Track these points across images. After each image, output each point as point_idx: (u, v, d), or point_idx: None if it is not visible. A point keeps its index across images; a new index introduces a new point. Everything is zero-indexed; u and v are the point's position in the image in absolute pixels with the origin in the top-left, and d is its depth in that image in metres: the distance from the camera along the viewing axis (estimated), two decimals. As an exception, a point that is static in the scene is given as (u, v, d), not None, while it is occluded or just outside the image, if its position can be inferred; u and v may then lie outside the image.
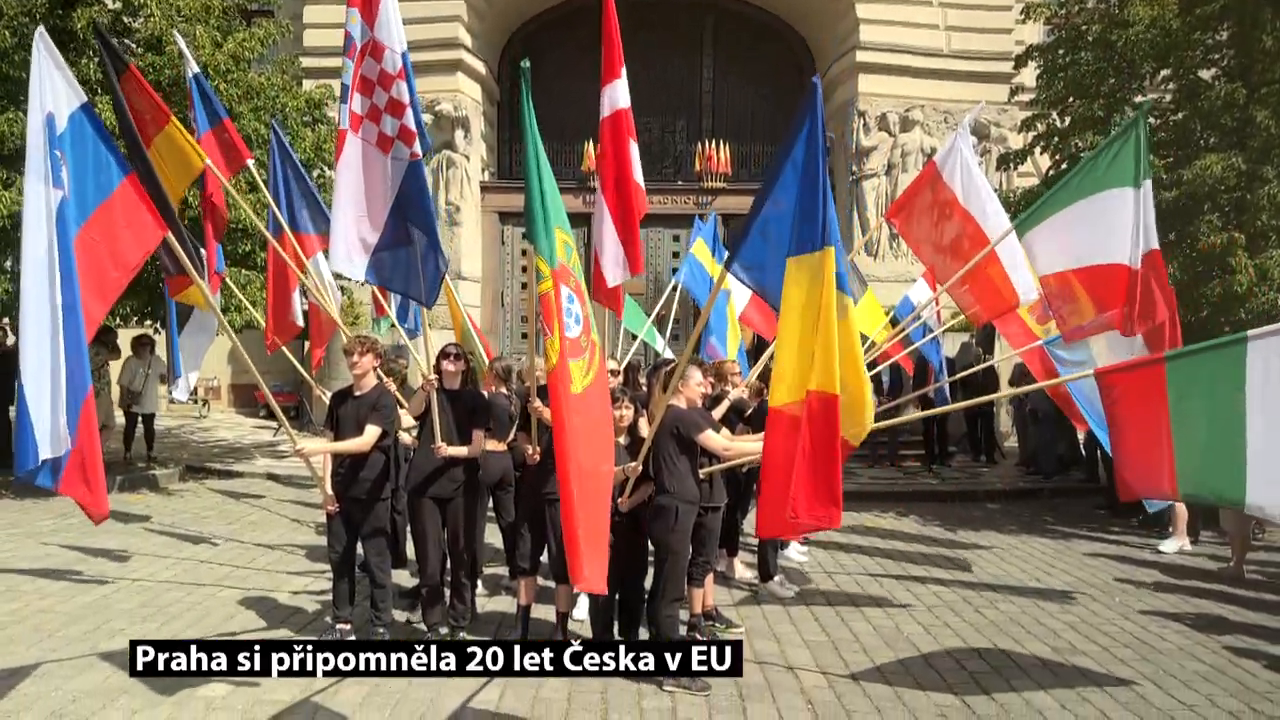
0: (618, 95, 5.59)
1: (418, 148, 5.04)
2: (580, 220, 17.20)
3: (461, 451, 5.35)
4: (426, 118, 12.98)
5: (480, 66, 16.08)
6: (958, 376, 10.15)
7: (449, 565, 5.56)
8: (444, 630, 5.42)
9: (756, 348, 10.71)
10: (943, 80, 15.34)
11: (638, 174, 5.76)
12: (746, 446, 5.40)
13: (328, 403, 5.58)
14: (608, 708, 4.53)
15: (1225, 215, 8.83)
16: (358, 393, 5.36)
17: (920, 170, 15.09)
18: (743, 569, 7.07)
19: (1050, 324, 6.64)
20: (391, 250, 5.17)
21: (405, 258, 5.14)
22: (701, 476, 5.28)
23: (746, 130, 17.54)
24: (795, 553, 7.73)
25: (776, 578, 6.70)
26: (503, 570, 6.78)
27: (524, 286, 17.18)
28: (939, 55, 15.45)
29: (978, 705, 4.67)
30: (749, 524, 7.22)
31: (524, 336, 16.76)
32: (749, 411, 6.64)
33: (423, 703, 4.53)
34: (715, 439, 5.08)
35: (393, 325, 7.57)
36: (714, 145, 16.72)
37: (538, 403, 4.99)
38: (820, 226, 4.07)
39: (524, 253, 17.17)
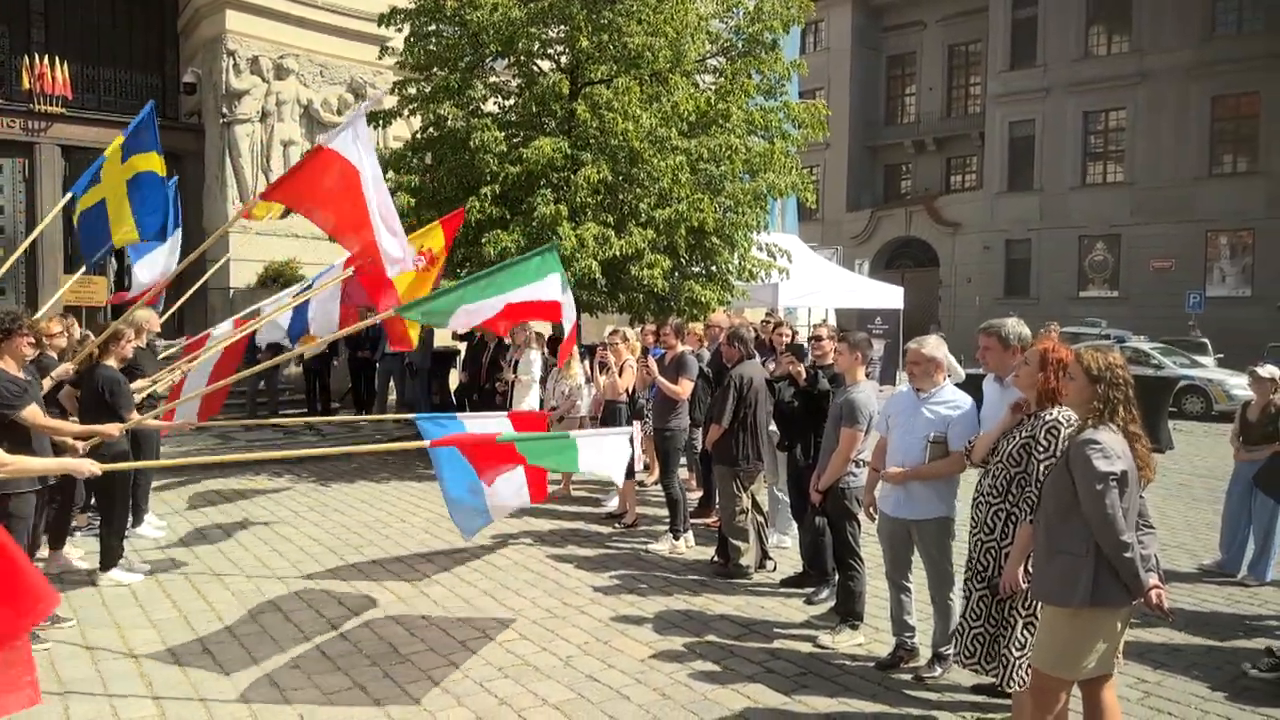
0: None
1: None
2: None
3: None
4: None
5: None
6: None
7: None
8: None
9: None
10: (317, 31, 15.06)
11: None
12: (31, 464, 4.40)
13: None
14: None
15: (556, 191, 10.27)
16: None
17: (295, 124, 14.82)
18: (77, 560, 6.20)
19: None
20: None
21: None
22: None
23: (92, 50, 15.15)
24: (150, 529, 7.05)
25: (121, 561, 6.02)
26: None
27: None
28: (312, 5, 15.12)
29: (329, 646, 4.84)
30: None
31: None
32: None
33: None
34: None
35: None
36: (47, 62, 14.09)
37: None
38: None
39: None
